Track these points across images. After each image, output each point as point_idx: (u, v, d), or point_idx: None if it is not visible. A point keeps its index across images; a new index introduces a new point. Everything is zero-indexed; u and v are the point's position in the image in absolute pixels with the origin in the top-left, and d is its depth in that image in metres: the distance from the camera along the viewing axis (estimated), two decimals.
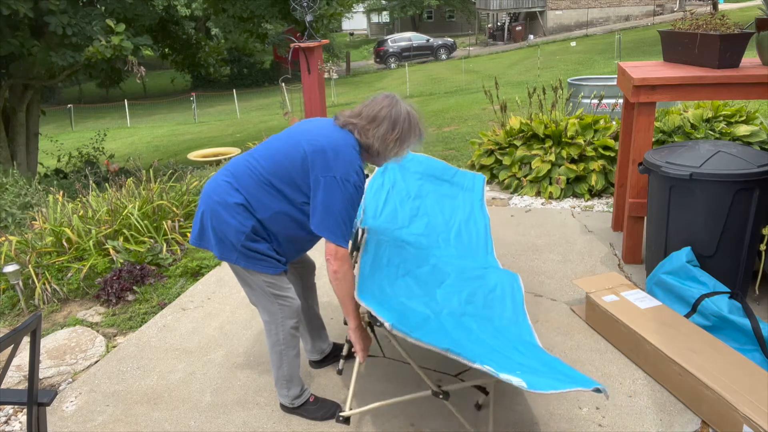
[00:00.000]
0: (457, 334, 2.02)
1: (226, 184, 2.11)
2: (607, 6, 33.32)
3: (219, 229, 2.08)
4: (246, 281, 2.21)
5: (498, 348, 1.99)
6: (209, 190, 2.14)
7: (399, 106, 2.10)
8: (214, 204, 2.09)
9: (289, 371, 2.33)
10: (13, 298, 3.68)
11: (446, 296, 2.35)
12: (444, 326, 2.07)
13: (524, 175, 5.10)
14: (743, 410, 2.07)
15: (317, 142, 2.05)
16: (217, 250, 2.11)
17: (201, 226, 2.14)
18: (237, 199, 2.07)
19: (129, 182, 4.87)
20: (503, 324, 2.24)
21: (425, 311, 2.17)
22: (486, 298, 2.39)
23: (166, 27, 12.34)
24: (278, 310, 2.22)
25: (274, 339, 2.28)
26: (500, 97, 6.34)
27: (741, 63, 3.32)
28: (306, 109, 6.39)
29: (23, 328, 1.64)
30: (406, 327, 1.85)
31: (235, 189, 2.08)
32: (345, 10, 14.17)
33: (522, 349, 2.01)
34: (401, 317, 1.98)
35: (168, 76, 30.68)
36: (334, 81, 20.19)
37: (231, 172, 2.14)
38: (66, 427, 2.50)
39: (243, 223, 2.06)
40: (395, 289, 2.27)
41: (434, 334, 1.93)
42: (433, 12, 42.85)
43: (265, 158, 2.11)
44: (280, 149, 2.10)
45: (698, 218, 2.89)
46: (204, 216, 2.12)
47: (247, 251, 2.09)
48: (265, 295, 2.20)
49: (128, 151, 14.98)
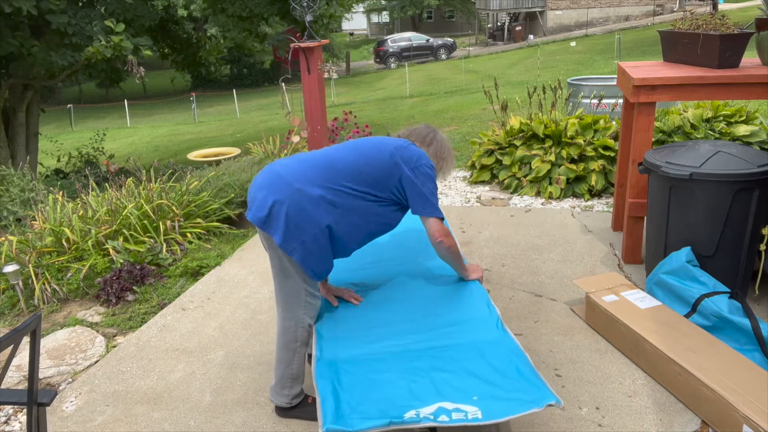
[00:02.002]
0: (419, 361, 1.98)
1: (307, 176, 2.14)
2: (607, 6, 33.33)
3: (294, 217, 2.09)
4: (288, 274, 2.20)
5: (458, 367, 1.96)
6: (287, 177, 2.14)
7: (438, 132, 2.49)
8: (296, 192, 2.10)
9: (298, 369, 2.34)
10: (13, 298, 3.68)
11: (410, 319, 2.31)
12: (403, 357, 2.03)
13: (524, 175, 5.10)
14: (743, 410, 2.07)
15: (396, 143, 2.28)
16: (279, 237, 2.10)
17: (271, 209, 2.11)
18: (320, 192, 2.12)
19: (129, 182, 4.87)
20: (465, 316, 2.26)
21: (386, 349, 2.11)
22: (445, 296, 2.40)
23: (166, 26, 12.33)
24: (303, 308, 2.25)
25: (291, 336, 2.28)
26: (500, 97, 6.34)
27: (741, 63, 3.32)
28: (306, 109, 6.39)
29: (23, 328, 1.64)
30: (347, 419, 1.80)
31: (318, 184, 2.13)
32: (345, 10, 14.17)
33: (486, 353, 2.00)
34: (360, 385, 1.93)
35: (168, 76, 30.67)
36: (334, 81, 20.21)
37: (311, 166, 2.18)
38: (66, 427, 2.50)
39: (322, 217, 2.11)
40: (358, 336, 2.21)
41: (384, 393, 1.87)
42: (433, 12, 42.86)
43: (348, 156, 2.22)
44: (364, 148, 2.25)
45: (698, 218, 2.89)
46: (278, 200, 2.10)
47: (309, 245, 2.11)
48: (299, 291, 2.22)
49: (128, 151, 14.98)
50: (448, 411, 1.71)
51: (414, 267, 2.67)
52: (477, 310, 2.27)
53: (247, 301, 3.51)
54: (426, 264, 2.69)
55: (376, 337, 2.19)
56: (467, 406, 1.71)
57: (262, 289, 3.64)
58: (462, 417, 1.69)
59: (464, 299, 2.36)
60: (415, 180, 2.21)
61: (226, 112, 22.85)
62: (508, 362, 1.95)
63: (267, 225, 2.12)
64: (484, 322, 2.20)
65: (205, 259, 4.06)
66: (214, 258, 4.10)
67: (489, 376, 1.88)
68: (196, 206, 4.67)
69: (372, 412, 1.77)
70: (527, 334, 2.93)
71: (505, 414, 1.69)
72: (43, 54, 8.06)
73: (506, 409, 1.71)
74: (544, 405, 1.72)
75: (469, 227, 4.37)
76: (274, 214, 2.10)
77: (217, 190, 4.84)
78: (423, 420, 1.71)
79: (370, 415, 1.76)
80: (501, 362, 1.96)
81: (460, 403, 1.72)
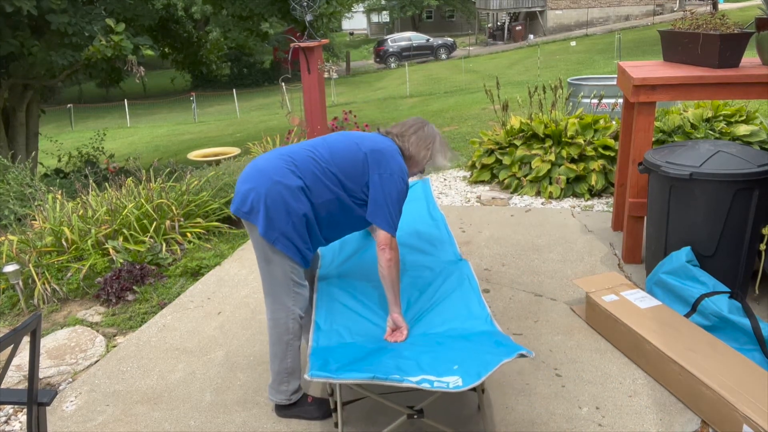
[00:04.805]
0: (408, 352, 2.06)
1: (287, 168, 2.23)
2: (607, 6, 33.32)
3: (274, 207, 2.19)
4: (273, 262, 2.27)
5: (443, 340, 2.11)
6: (267, 169, 2.23)
7: (430, 125, 2.50)
8: (275, 183, 2.20)
9: (293, 363, 2.35)
10: (13, 297, 3.68)
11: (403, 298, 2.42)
12: (394, 352, 2.10)
13: (524, 174, 5.10)
14: (743, 410, 2.07)
15: (374, 144, 2.32)
16: (262, 226, 2.20)
17: (252, 202, 2.22)
18: (299, 183, 2.21)
19: (129, 182, 4.87)
20: (452, 303, 2.37)
21: (379, 345, 2.20)
22: (435, 284, 2.52)
23: (167, 26, 12.33)
24: (291, 298, 2.31)
25: (283, 329, 2.31)
26: (501, 97, 6.34)
27: (741, 63, 3.32)
28: (306, 108, 6.39)
29: (23, 328, 1.64)
30: (336, 367, 1.95)
31: (297, 175, 2.22)
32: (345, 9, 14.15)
33: (472, 339, 2.10)
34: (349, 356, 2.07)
35: (168, 75, 30.66)
36: (334, 81, 20.18)
37: (291, 158, 2.26)
38: (66, 426, 2.50)
39: (299, 207, 2.20)
40: (352, 330, 2.32)
41: (371, 362, 1.99)
42: (432, 12, 42.84)
43: (326, 151, 2.29)
44: (340, 146, 2.31)
45: (698, 218, 2.89)
46: (258, 192, 2.20)
47: (290, 233, 2.21)
48: (284, 280, 2.28)
49: (128, 150, 14.98)
50: (431, 381, 1.80)
51: (408, 262, 2.71)
52: (469, 309, 2.33)
53: (247, 300, 3.51)
54: (421, 259, 2.73)
55: (371, 337, 2.26)
56: (448, 377, 1.80)
57: (262, 289, 3.64)
58: (443, 386, 1.78)
59: (457, 297, 2.41)
60: (380, 185, 2.25)
61: (226, 112, 22.84)
62: (488, 340, 2.06)
63: (248, 216, 2.24)
64: (475, 320, 2.25)
65: (204, 258, 4.06)
66: (213, 258, 4.10)
67: (470, 352, 1.98)
68: (196, 206, 4.67)
69: (357, 369, 1.90)
70: (527, 334, 2.93)
71: (482, 372, 1.78)
72: (43, 54, 8.06)
73: (482, 367, 1.81)
74: (515, 354, 1.83)
75: (469, 227, 4.37)
76: (255, 206, 2.21)
77: (217, 189, 4.84)
78: (405, 381, 1.81)
79: (356, 370, 1.89)
80: (483, 341, 2.06)
81: (443, 376, 1.81)
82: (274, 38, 19.13)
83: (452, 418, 2.35)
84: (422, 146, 2.41)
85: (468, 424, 2.32)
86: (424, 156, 2.42)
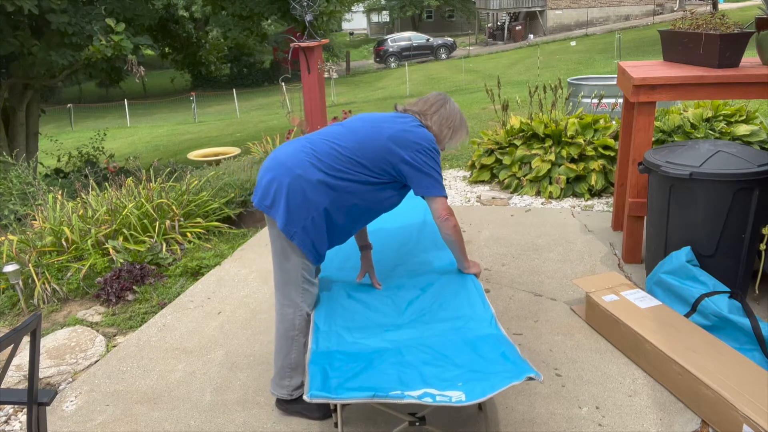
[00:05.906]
0: (410, 356, 2.03)
1: (308, 161, 2.20)
2: (607, 6, 33.32)
3: (295, 202, 2.17)
4: (288, 257, 2.27)
5: (447, 348, 2.06)
6: (289, 162, 2.20)
7: (452, 101, 2.45)
8: (297, 177, 2.17)
9: (296, 358, 2.35)
10: (13, 297, 3.68)
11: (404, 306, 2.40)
12: (396, 353, 2.07)
13: (524, 174, 5.10)
14: (743, 410, 2.07)
15: (397, 125, 2.28)
16: (282, 220, 2.19)
17: (274, 195, 2.20)
18: (320, 176, 2.18)
19: (129, 182, 4.87)
20: (456, 303, 2.33)
21: (381, 345, 2.16)
22: (439, 284, 2.49)
23: (166, 26, 12.34)
24: (301, 295, 2.31)
25: (289, 324, 2.32)
26: (501, 97, 6.34)
27: (741, 63, 3.32)
28: (306, 108, 6.39)
29: (23, 328, 1.64)
30: (337, 385, 1.90)
31: (319, 168, 2.19)
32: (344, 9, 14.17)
33: (477, 346, 2.06)
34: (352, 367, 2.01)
35: (168, 75, 30.69)
36: (334, 81, 20.19)
37: (313, 150, 2.22)
38: (66, 426, 2.50)
39: (320, 201, 2.18)
40: (353, 332, 2.28)
41: (372, 374, 1.94)
42: (432, 12, 42.84)
43: (347, 141, 2.25)
44: (362, 133, 2.27)
45: (698, 218, 2.89)
46: (280, 186, 2.19)
47: (309, 228, 2.19)
48: (296, 277, 2.28)
49: (128, 150, 14.98)
50: (433, 395, 1.78)
51: (412, 262, 2.71)
52: (473, 308, 2.30)
53: (247, 300, 3.51)
54: (424, 259, 2.73)
55: (371, 333, 2.24)
56: (452, 392, 1.78)
57: (262, 289, 3.64)
58: (446, 400, 1.76)
59: (461, 296, 2.39)
60: (414, 163, 2.24)
61: (226, 112, 22.85)
62: (495, 350, 2.01)
63: (270, 210, 2.23)
64: (479, 320, 2.22)
65: (204, 258, 4.06)
66: (213, 258, 4.10)
67: (475, 365, 1.94)
68: (196, 206, 4.67)
69: (358, 387, 1.86)
70: (527, 334, 2.93)
71: (487, 392, 1.74)
72: (43, 53, 8.06)
73: (488, 387, 1.77)
74: (524, 378, 1.78)
75: (469, 227, 4.37)
76: (276, 200, 2.20)
77: (217, 189, 4.84)
78: (406, 397, 1.78)
79: (356, 389, 1.85)
80: (488, 351, 2.01)
81: (446, 390, 1.79)
82: (274, 38, 19.14)
83: (452, 418, 2.35)
84: (444, 125, 2.38)
85: (468, 424, 2.32)
86: (445, 135, 2.40)
